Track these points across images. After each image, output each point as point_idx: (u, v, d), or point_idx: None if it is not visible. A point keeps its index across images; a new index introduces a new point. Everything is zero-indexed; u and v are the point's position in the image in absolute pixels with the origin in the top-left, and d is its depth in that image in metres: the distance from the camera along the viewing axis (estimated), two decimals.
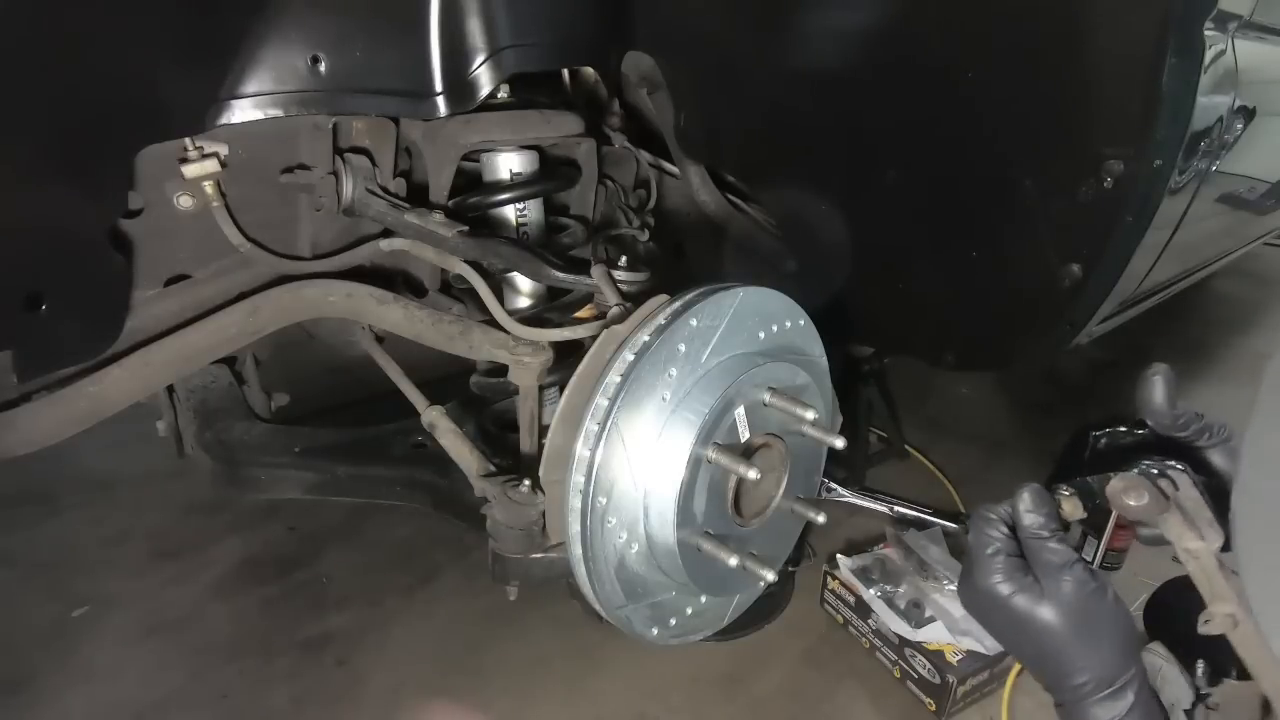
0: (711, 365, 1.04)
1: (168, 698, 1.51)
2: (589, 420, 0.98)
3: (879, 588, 1.66)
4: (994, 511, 0.78)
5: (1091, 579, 0.74)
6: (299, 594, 1.78)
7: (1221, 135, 1.28)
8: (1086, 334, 1.32)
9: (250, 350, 1.61)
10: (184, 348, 1.21)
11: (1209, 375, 3.04)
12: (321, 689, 1.54)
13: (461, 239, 1.31)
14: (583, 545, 0.99)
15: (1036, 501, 0.76)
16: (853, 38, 1.30)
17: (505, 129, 1.40)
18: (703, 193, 1.72)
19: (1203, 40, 1.09)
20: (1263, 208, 2.03)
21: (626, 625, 1.08)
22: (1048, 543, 0.74)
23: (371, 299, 1.32)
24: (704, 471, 1.01)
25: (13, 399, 1.10)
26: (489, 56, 1.22)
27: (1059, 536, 0.75)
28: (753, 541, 1.12)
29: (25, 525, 1.97)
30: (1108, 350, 3.12)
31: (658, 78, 1.54)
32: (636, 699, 1.53)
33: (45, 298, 0.96)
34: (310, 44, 1.11)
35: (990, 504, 0.79)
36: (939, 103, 1.24)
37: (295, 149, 1.28)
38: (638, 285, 1.23)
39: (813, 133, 1.43)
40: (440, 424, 1.33)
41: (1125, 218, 1.13)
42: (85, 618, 1.69)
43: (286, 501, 1.92)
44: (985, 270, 1.31)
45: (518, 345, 1.24)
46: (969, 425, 2.62)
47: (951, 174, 1.28)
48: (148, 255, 1.18)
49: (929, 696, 1.53)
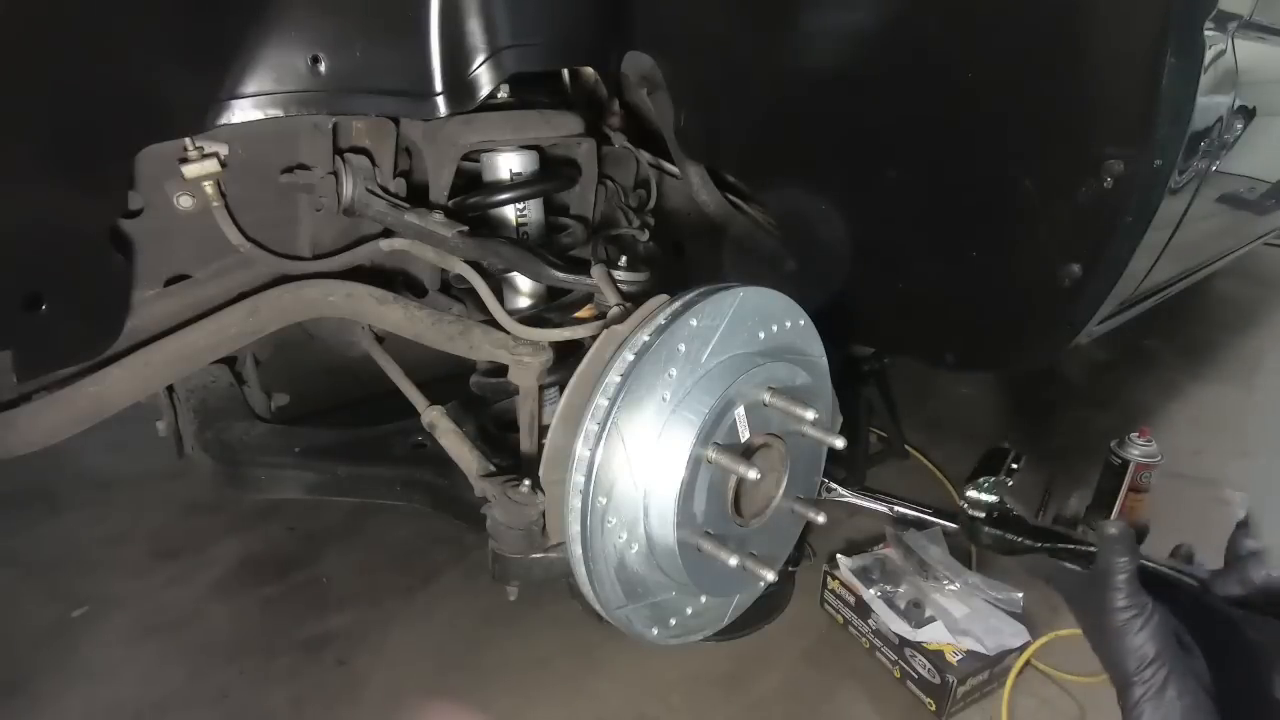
0: (711, 365, 1.04)
1: (168, 698, 1.51)
2: (589, 420, 0.98)
3: (879, 588, 1.66)
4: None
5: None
6: (299, 594, 1.78)
7: (1221, 135, 1.28)
8: (1086, 334, 1.32)
9: (250, 350, 1.62)
10: (184, 348, 1.21)
11: (1209, 375, 3.04)
12: (321, 689, 1.54)
13: (461, 239, 1.31)
14: (583, 545, 0.99)
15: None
16: (853, 37, 1.30)
17: (505, 129, 1.40)
18: (703, 193, 1.72)
19: (1203, 40, 1.09)
20: (1263, 208, 2.03)
21: (626, 625, 1.08)
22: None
23: (371, 299, 1.32)
24: (704, 471, 1.01)
25: (13, 399, 1.10)
26: (489, 56, 1.22)
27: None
28: (753, 541, 1.12)
29: (25, 525, 1.96)
30: (1108, 350, 3.12)
31: (658, 78, 1.54)
32: (636, 699, 1.53)
33: (45, 298, 0.96)
34: (310, 44, 1.11)
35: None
36: (939, 102, 1.24)
37: (295, 149, 1.28)
38: (638, 285, 1.23)
39: (813, 132, 1.43)
40: (440, 424, 1.33)
41: (1125, 218, 1.13)
42: (85, 618, 1.69)
43: (286, 501, 1.92)
44: (985, 270, 1.31)
45: (518, 345, 1.24)
46: (969, 425, 2.62)
47: (951, 174, 1.28)
48: (148, 255, 1.18)
49: (929, 696, 1.53)
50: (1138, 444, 1.84)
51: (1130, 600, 0.81)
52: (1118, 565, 0.81)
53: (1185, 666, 0.79)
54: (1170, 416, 2.72)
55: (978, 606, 1.62)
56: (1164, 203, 1.15)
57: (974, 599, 1.64)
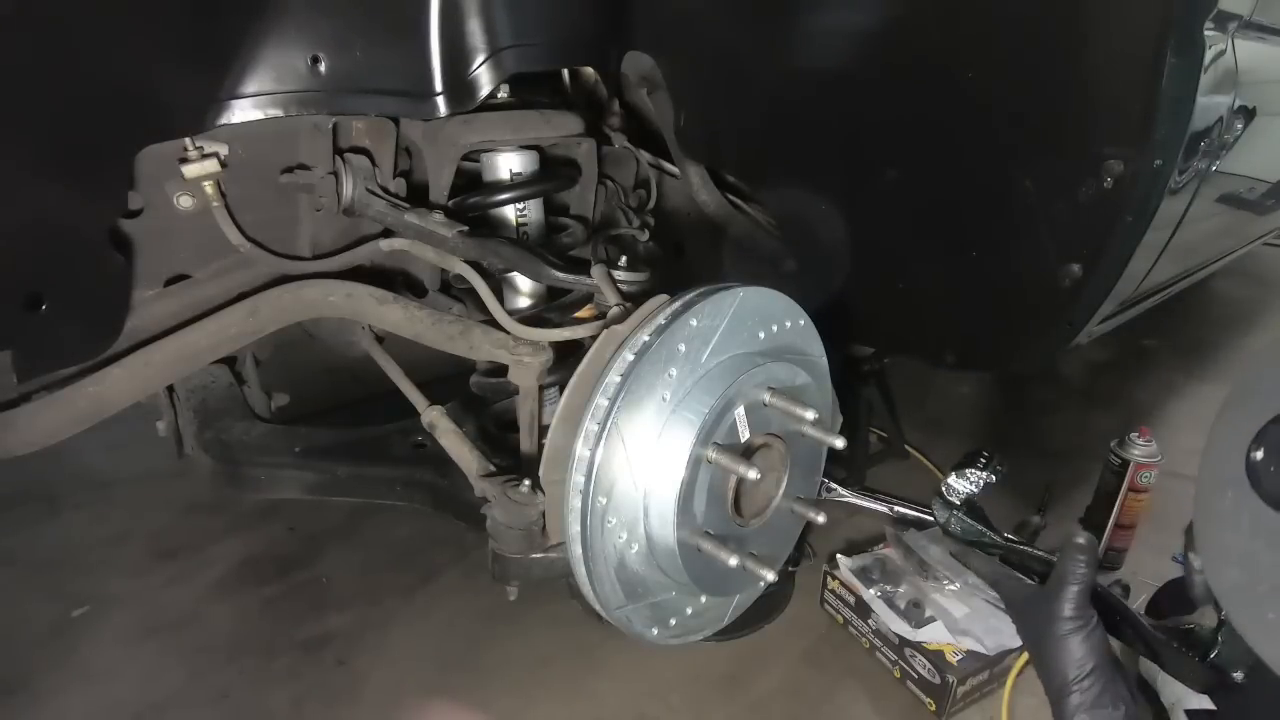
0: (711, 365, 1.04)
1: (168, 698, 1.51)
2: (589, 420, 0.98)
3: (879, 588, 1.66)
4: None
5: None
6: (299, 594, 1.78)
7: (1221, 135, 1.28)
8: (1086, 334, 1.32)
9: (250, 350, 1.62)
10: (184, 348, 1.21)
11: (1209, 375, 3.04)
12: (321, 689, 1.54)
13: (461, 239, 1.31)
14: (583, 545, 0.99)
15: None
16: (853, 37, 1.30)
17: (505, 129, 1.40)
18: (703, 193, 1.72)
19: (1203, 40, 1.09)
20: (1263, 208, 2.03)
21: (626, 625, 1.08)
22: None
23: (371, 299, 1.32)
24: (704, 471, 1.01)
25: (13, 399, 1.10)
26: (489, 57, 1.22)
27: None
28: (753, 541, 1.12)
29: (25, 525, 1.96)
30: (1108, 350, 3.12)
31: (658, 78, 1.54)
32: (636, 699, 1.53)
33: (45, 298, 0.96)
34: (310, 44, 1.12)
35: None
36: (939, 102, 1.24)
37: (295, 149, 1.28)
38: (638, 285, 1.23)
39: (813, 132, 1.43)
40: (440, 424, 1.33)
41: (1125, 218, 1.13)
42: (85, 618, 1.69)
43: (286, 501, 1.92)
44: (985, 270, 1.31)
45: (518, 345, 1.24)
46: (969, 425, 2.62)
47: (951, 173, 1.28)
48: (148, 255, 1.18)
49: (929, 696, 1.53)
50: (1138, 444, 1.83)
51: (1078, 610, 0.83)
52: (1076, 575, 0.83)
53: (1120, 680, 0.80)
54: (1170, 416, 2.72)
55: (978, 606, 1.62)
56: (1164, 203, 1.15)
57: (974, 599, 1.64)
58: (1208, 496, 0.63)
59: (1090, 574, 0.84)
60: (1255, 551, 0.58)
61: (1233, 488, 0.60)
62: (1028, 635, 0.89)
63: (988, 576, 0.98)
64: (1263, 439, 0.59)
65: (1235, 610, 0.62)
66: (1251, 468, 0.59)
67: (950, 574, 1.69)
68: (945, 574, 1.69)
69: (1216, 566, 0.63)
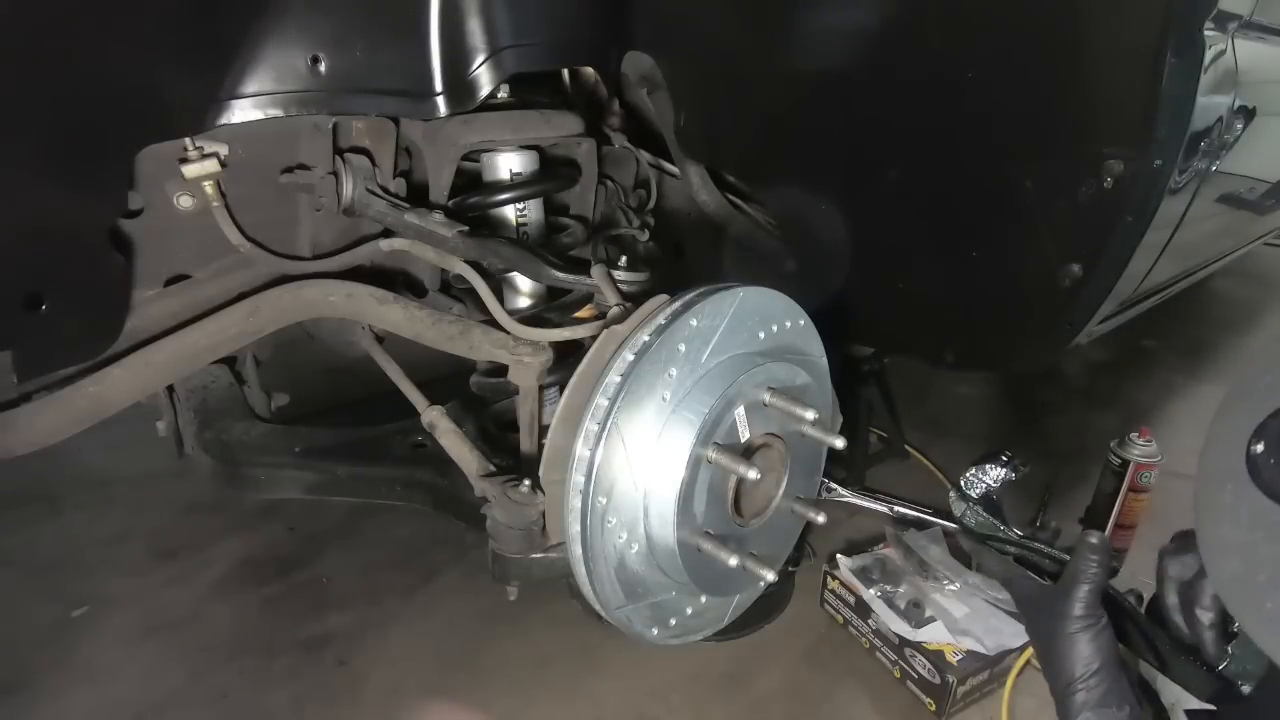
0: (711, 365, 1.04)
1: (168, 698, 1.51)
2: (589, 420, 0.98)
3: (879, 588, 1.66)
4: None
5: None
6: (299, 594, 1.78)
7: (1221, 135, 1.28)
8: (1086, 334, 1.32)
9: (250, 350, 1.62)
10: (184, 348, 1.21)
11: (1209, 375, 3.04)
12: (321, 689, 1.54)
13: (461, 239, 1.31)
14: (583, 545, 0.99)
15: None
16: (853, 37, 1.30)
17: (505, 129, 1.40)
18: (703, 193, 1.72)
19: (1203, 40, 1.09)
20: (1263, 208, 2.03)
21: (626, 625, 1.08)
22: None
23: (371, 299, 1.32)
24: (704, 471, 1.01)
25: (13, 399, 1.10)
26: (489, 56, 1.22)
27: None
28: (753, 541, 1.12)
29: (25, 525, 1.96)
30: (1108, 350, 3.12)
31: (658, 78, 1.54)
32: (636, 699, 1.53)
33: (45, 298, 0.96)
34: (310, 44, 1.12)
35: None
36: (939, 102, 1.24)
37: (295, 149, 1.28)
38: (638, 285, 1.23)
39: (813, 132, 1.43)
40: (440, 424, 1.33)
41: (1125, 218, 1.13)
42: (85, 618, 1.69)
43: (286, 501, 1.92)
44: (985, 270, 1.31)
45: (518, 345, 1.24)
46: (969, 425, 2.62)
47: (952, 174, 1.28)
48: (148, 255, 1.18)
49: (929, 696, 1.53)
50: (1138, 444, 1.83)
51: (1088, 610, 0.83)
52: (1088, 574, 0.84)
53: (1126, 681, 0.81)
54: (1170, 416, 2.72)
55: (978, 606, 1.62)
56: (1164, 203, 1.15)
57: (974, 599, 1.64)
58: (1207, 490, 0.64)
59: (1103, 574, 0.84)
60: (1254, 543, 0.58)
61: (1232, 481, 0.60)
62: (1037, 633, 0.89)
63: (1000, 575, 0.98)
64: (1263, 433, 0.59)
65: (1234, 601, 0.62)
66: (1251, 461, 0.59)
67: (950, 574, 1.69)
68: (945, 574, 1.69)
69: (1215, 559, 0.63)
